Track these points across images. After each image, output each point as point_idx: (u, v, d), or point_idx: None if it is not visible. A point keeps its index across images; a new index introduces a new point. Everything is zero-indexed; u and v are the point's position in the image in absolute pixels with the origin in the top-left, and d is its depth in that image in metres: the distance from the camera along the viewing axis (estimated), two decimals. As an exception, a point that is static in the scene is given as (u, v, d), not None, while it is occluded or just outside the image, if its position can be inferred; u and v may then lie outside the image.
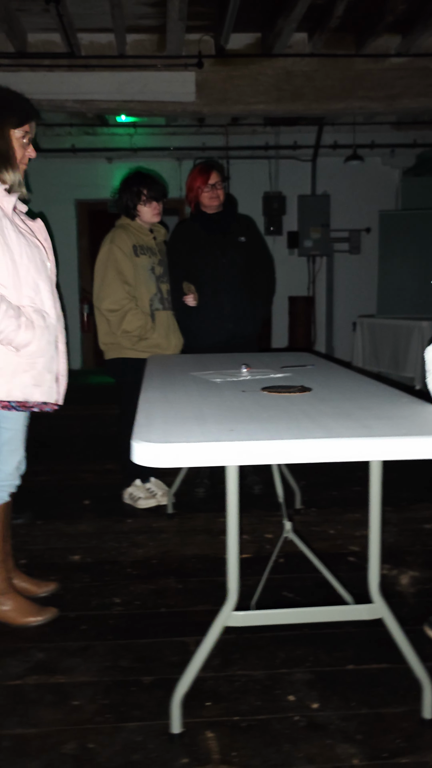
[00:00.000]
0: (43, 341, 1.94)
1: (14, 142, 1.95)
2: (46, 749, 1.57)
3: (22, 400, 1.94)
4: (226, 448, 1.29)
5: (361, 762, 1.51)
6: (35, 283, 1.93)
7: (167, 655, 1.96)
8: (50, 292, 1.98)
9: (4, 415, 1.98)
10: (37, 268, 1.94)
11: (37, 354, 1.94)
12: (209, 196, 3.21)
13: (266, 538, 2.85)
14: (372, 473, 1.58)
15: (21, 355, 1.91)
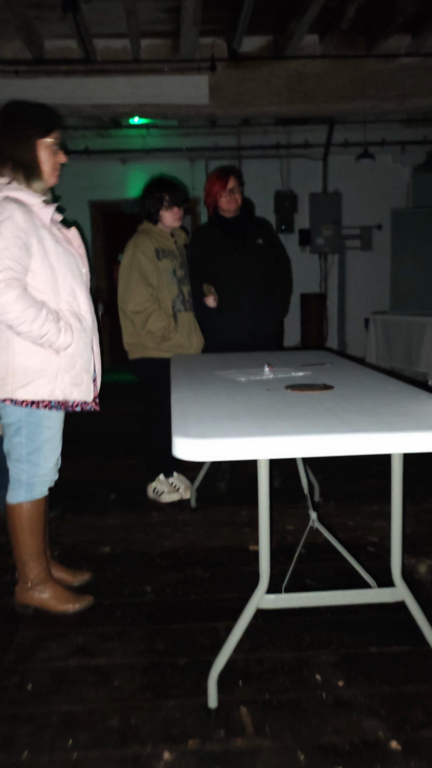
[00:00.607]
0: (80, 343, 2.06)
1: (43, 152, 2.06)
2: (92, 724, 1.70)
3: (62, 400, 2.06)
4: (260, 443, 1.40)
5: (386, 734, 1.62)
6: (72, 289, 2.05)
7: (199, 639, 2.08)
8: (86, 296, 2.10)
9: (46, 415, 2.10)
10: (74, 274, 2.06)
11: (76, 355, 2.06)
12: (227, 200, 3.32)
13: (287, 530, 2.96)
14: (394, 466, 1.68)
15: (61, 357, 2.03)
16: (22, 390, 2.02)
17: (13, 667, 1.96)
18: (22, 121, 2.04)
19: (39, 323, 1.94)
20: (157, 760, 1.57)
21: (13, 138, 2.02)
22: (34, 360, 2.01)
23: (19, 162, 2.03)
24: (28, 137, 2.06)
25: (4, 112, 2.08)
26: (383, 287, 7.83)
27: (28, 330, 1.94)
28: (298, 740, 1.61)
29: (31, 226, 1.97)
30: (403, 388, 2.00)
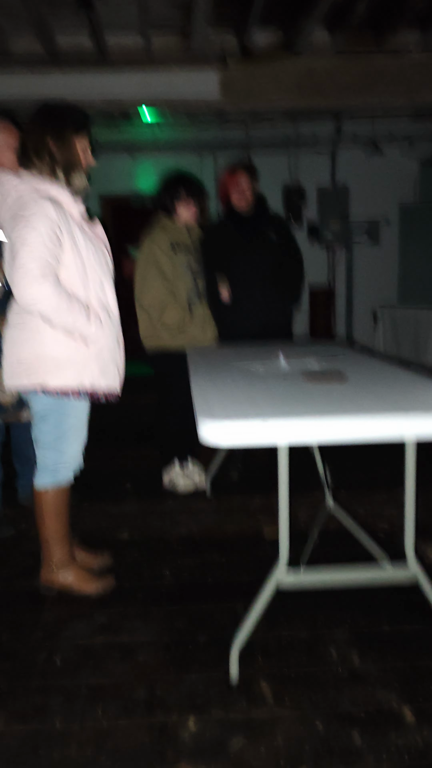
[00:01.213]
0: (108, 334, 2.14)
1: (77, 147, 2.14)
2: (119, 695, 1.79)
3: (90, 389, 2.15)
4: (283, 425, 1.48)
5: (399, 705, 1.70)
6: (101, 282, 2.13)
7: (218, 619, 2.16)
8: (112, 289, 2.18)
9: (73, 404, 2.19)
10: (102, 268, 2.14)
11: (104, 346, 2.14)
12: (237, 197, 3.39)
13: (299, 518, 3.04)
14: (408, 450, 1.76)
15: (90, 347, 2.11)
16: (52, 379, 2.10)
17: (40, 644, 2.05)
18: (65, 120, 2.12)
19: (71, 315, 2.03)
20: (182, 728, 1.65)
21: (56, 135, 2.10)
22: (63, 350, 2.10)
23: (60, 158, 2.10)
24: (67, 134, 2.14)
25: (45, 110, 2.16)
26: (390, 281, 7.89)
27: (61, 321, 2.03)
28: (317, 710, 1.69)
29: (63, 220, 2.05)
30: (415, 378, 2.07)
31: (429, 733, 1.60)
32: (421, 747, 1.56)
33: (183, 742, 1.60)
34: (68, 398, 2.17)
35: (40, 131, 2.10)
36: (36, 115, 2.16)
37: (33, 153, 2.12)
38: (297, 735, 1.61)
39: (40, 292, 1.97)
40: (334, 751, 1.55)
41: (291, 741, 1.59)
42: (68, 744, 1.61)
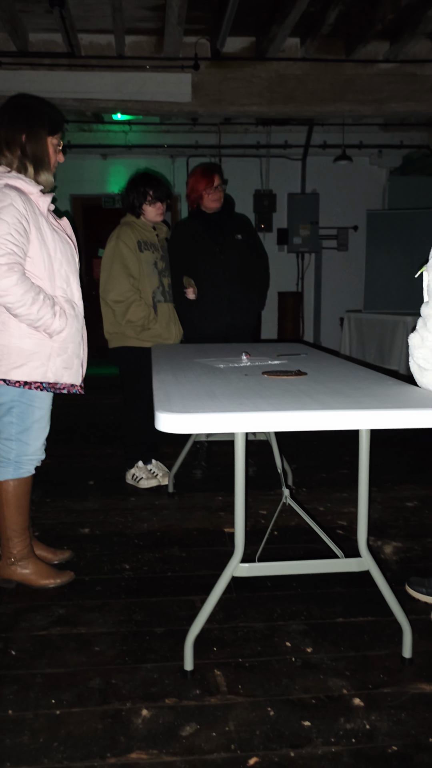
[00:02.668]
0: (73, 329, 2.16)
1: (50, 147, 2.16)
2: (74, 684, 1.79)
3: (53, 382, 2.15)
4: (239, 417, 1.51)
5: (349, 692, 1.75)
6: (67, 276, 2.14)
7: (176, 611, 2.18)
8: (78, 284, 2.20)
9: (37, 396, 2.19)
10: (68, 262, 2.15)
11: (68, 340, 2.15)
12: (212, 198, 3.42)
13: (261, 514, 3.08)
14: (361, 442, 1.81)
15: (54, 340, 2.12)
16: (17, 371, 2.11)
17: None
18: (38, 116, 2.14)
19: (37, 307, 2.04)
20: (136, 715, 1.67)
21: (28, 130, 2.11)
22: (28, 342, 2.10)
23: (30, 153, 2.12)
24: (41, 132, 2.15)
25: (18, 104, 2.17)
26: (358, 287, 8.00)
27: (26, 313, 2.03)
28: (269, 697, 1.73)
29: (31, 213, 2.06)
30: (373, 375, 2.13)
31: (376, 717, 1.64)
32: (368, 731, 1.60)
33: (136, 728, 1.62)
34: (32, 390, 2.18)
35: (15, 125, 2.12)
36: (13, 108, 2.17)
37: (4, 145, 2.13)
38: (248, 721, 1.64)
39: (6, 284, 1.98)
40: (284, 735, 1.58)
41: (242, 726, 1.62)
42: (20, 732, 1.61)
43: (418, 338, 1.87)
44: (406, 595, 2.26)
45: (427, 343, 1.83)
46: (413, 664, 1.87)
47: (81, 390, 2.29)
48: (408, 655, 1.87)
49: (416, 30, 4.91)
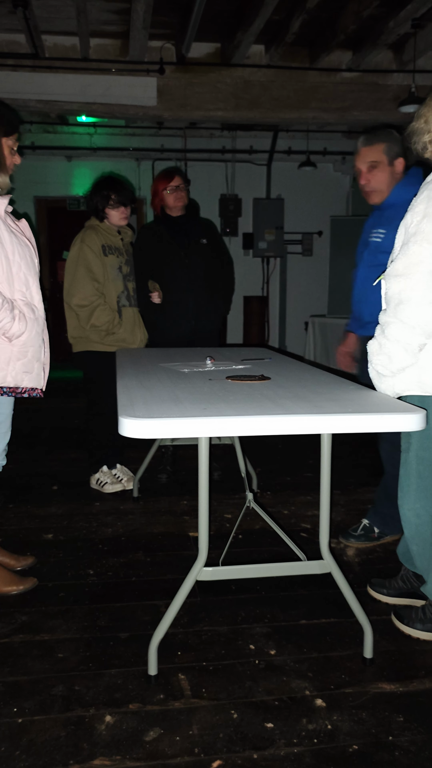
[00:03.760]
0: (33, 332, 2.14)
1: (5, 149, 2.14)
2: (37, 692, 1.78)
3: (13, 386, 2.13)
4: (202, 422, 1.52)
5: (312, 693, 1.77)
6: (26, 279, 2.12)
7: (140, 616, 2.18)
8: (37, 287, 2.18)
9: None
10: (27, 265, 2.13)
11: (28, 344, 2.13)
12: (174, 197, 3.42)
13: (226, 518, 3.09)
14: (323, 446, 1.84)
15: (14, 345, 2.10)
16: None
17: (-43, 645, 2.01)
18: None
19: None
20: (99, 721, 1.66)
21: None
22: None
23: None
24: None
25: None
26: (322, 291, 8.11)
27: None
28: (232, 700, 1.74)
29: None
30: (335, 380, 2.16)
31: (338, 717, 1.67)
32: (330, 731, 1.62)
33: (99, 735, 1.61)
34: None
35: None
36: None
37: None
38: (212, 724, 1.64)
39: None
40: (248, 737, 1.60)
41: (206, 730, 1.62)
42: (-18, 741, 1.59)
43: (376, 345, 1.91)
44: (368, 597, 2.29)
45: (385, 349, 1.86)
46: (374, 664, 1.90)
47: (41, 394, 2.27)
48: (369, 656, 1.90)
49: (378, 41, 5.01)
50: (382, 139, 2.48)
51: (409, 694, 1.77)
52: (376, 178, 2.50)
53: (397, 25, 4.71)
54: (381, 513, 2.74)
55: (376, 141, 2.49)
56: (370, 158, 2.49)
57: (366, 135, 2.53)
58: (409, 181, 2.51)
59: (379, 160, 2.48)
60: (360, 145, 2.52)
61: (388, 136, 2.50)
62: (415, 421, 1.59)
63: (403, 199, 2.46)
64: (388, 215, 2.47)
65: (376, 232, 2.50)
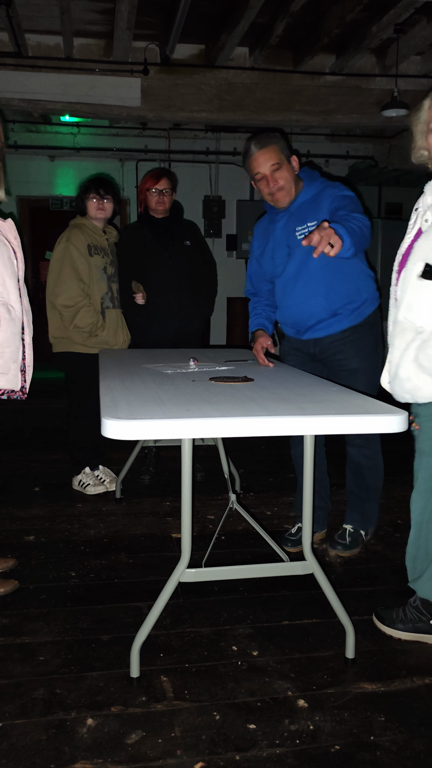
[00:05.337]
0: (9, 332, 2.12)
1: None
2: (18, 695, 1.76)
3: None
4: (185, 423, 1.52)
5: (294, 693, 1.77)
6: (2, 278, 2.10)
7: (123, 618, 2.17)
8: (15, 286, 2.16)
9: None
10: (5, 264, 2.11)
11: (5, 344, 2.11)
12: (156, 200, 3.42)
13: (209, 519, 3.09)
14: (306, 446, 1.84)
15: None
16: None
17: None
18: None
19: None
20: (80, 724, 1.65)
21: None
22: None
23: None
24: None
25: None
26: (305, 294, 8.12)
27: None
28: (215, 701, 1.74)
29: None
30: (317, 381, 2.17)
31: (320, 717, 1.68)
32: (312, 731, 1.63)
33: (80, 738, 1.60)
34: None
35: None
36: None
37: None
38: (194, 726, 1.64)
39: None
40: (230, 739, 1.60)
41: (188, 732, 1.62)
42: (-39, 746, 1.57)
43: None
44: (350, 597, 2.30)
45: None
46: (356, 664, 1.91)
47: (23, 395, 2.25)
48: (351, 656, 1.91)
49: (361, 45, 5.05)
50: (273, 141, 2.41)
51: (391, 693, 1.78)
52: (283, 177, 2.42)
53: (380, 29, 4.75)
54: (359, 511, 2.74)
55: (269, 143, 2.40)
56: (272, 160, 2.39)
57: (257, 140, 2.42)
58: (309, 176, 2.51)
59: (279, 161, 2.40)
60: (254, 150, 2.41)
61: (277, 137, 2.43)
62: (398, 423, 1.60)
63: (312, 192, 2.48)
64: (308, 210, 2.44)
65: (304, 228, 2.42)
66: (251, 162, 2.44)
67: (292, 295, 2.55)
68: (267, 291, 2.75)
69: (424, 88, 5.79)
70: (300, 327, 2.61)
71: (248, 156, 2.44)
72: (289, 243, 2.51)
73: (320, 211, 2.42)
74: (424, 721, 1.67)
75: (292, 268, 2.52)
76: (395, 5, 4.41)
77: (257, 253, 2.69)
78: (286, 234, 2.52)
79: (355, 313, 2.53)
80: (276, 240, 2.56)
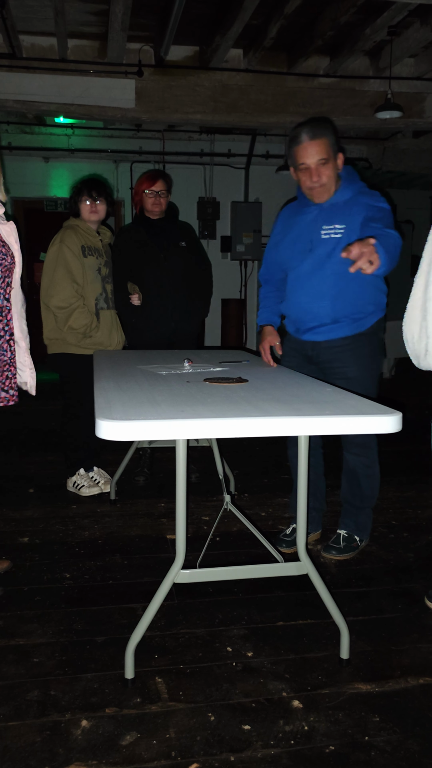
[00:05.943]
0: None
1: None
2: (12, 697, 1.76)
3: None
4: (180, 424, 1.52)
5: (289, 694, 1.77)
6: None
7: (117, 619, 2.17)
8: None
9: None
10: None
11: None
12: (152, 202, 3.42)
13: (203, 520, 3.09)
14: (300, 447, 1.85)
15: None
16: None
17: None
18: None
19: None
20: (75, 726, 1.65)
21: None
22: None
23: None
24: None
25: None
26: (300, 295, 8.13)
27: None
28: (209, 702, 1.73)
29: None
30: (312, 382, 2.17)
31: (315, 718, 1.68)
32: (307, 732, 1.63)
33: (75, 740, 1.60)
34: None
35: None
36: None
37: None
38: (189, 727, 1.64)
39: None
40: (225, 740, 1.60)
41: (183, 733, 1.62)
42: None
43: None
44: (345, 597, 2.31)
45: None
46: (350, 665, 1.92)
47: (12, 400, 2.23)
48: (345, 656, 1.92)
49: (355, 47, 5.06)
50: (326, 133, 2.33)
51: (385, 694, 1.79)
52: (327, 174, 2.36)
53: (373, 32, 4.76)
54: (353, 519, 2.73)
55: (322, 135, 2.31)
56: (320, 155, 2.32)
57: (309, 128, 2.31)
58: (349, 177, 2.46)
59: (327, 157, 2.34)
60: (305, 139, 2.31)
61: (329, 130, 2.34)
62: (392, 423, 1.60)
63: (348, 195, 2.44)
64: (340, 212, 2.40)
65: (332, 229, 2.40)
66: (298, 150, 2.35)
67: (301, 292, 2.51)
68: (279, 280, 2.70)
69: (417, 90, 5.81)
70: (300, 326, 2.59)
71: (297, 143, 2.34)
72: (313, 239, 2.45)
73: (352, 215, 2.38)
74: (418, 721, 1.68)
75: (308, 265, 2.47)
76: (389, 8, 4.42)
77: (278, 238, 2.62)
78: (312, 229, 2.46)
79: (356, 324, 2.50)
80: (300, 231, 2.50)
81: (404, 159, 7.84)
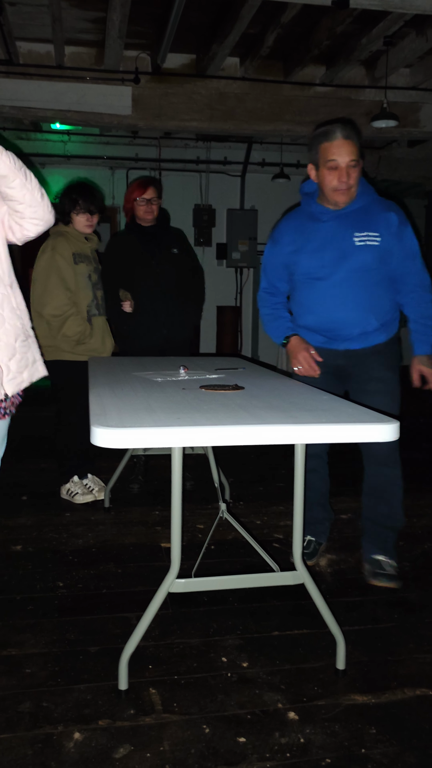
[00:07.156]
0: None
1: None
2: (3, 709, 1.73)
3: None
4: (175, 432, 1.50)
5: (284, 706, 1.75)
6: None
7: (111, 629, 2.14)
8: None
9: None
10: None
11: None
12: (144, 209, 3.42)
13: (198, 528, 3.07)
14: (296, 455, 1.83)
15: None
16: None
17: None
18: None
19: None
20: (67, 739, 1.62)
21: None
22: None
23: None
24: None
25: None
26: (295, 303, 8.14)
27: None
28: (204, 714, 1.71)
29: None
30: (308, 389, 2.16)
31: (311, 730, 1.66)
32: (303, 744, 1.60)
33: (67, 753, 1.57)
34: None
35: None
36: None
37: None
38: (183, 739, 1.62)
39: None
40: (219, 752, 1.57)
41: (177, 745, 1.59)
42: None
43: None
44: (341, 607, 2.29)
45: None
46: (347, 676, 1.90)
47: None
48: (341, 667, 1.90)
49: (351, 56, 5.08)
50: (357, 137, 2.28)
51: (382, 705, 1.77)
52: (355, 177, 2.31)
53: (369, 41, 4.78)
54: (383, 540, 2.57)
55: (354, 137, 2.26)
56: (352, 155, 2.25)
57: (343, 127, 2.24)
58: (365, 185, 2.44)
59: (357, 159, 2.28)
60: (340, 135, 2.24)
61: (359, 134, 2.31)
62: (389, 432, 1.59)
63: (364, 203, 2.42)
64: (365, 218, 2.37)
65: (366, 236, 2.34)
66: (330, 147, 2.26)
67: (337, 301, 2.41)
68: (285, 292, 2.64)
69: (413, 100, 5.84)
70: (333, 335, 2.48)
71: (329, 138, 2.26)
72: (344, 246, 2.37)
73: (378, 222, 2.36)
74: (415, 733, 1.66)
75: (342, 273, 2.38)
76: (384, 18, 4.44)
77: (289, 249, 2.50)
78: (340, 237, 2.38)
79: (389, 328, 2.49)
80: (324, 239, 2.41)
81: (399, 168, 7.88)
